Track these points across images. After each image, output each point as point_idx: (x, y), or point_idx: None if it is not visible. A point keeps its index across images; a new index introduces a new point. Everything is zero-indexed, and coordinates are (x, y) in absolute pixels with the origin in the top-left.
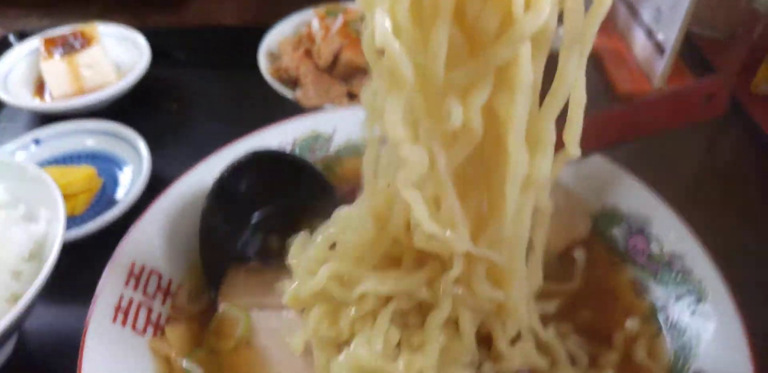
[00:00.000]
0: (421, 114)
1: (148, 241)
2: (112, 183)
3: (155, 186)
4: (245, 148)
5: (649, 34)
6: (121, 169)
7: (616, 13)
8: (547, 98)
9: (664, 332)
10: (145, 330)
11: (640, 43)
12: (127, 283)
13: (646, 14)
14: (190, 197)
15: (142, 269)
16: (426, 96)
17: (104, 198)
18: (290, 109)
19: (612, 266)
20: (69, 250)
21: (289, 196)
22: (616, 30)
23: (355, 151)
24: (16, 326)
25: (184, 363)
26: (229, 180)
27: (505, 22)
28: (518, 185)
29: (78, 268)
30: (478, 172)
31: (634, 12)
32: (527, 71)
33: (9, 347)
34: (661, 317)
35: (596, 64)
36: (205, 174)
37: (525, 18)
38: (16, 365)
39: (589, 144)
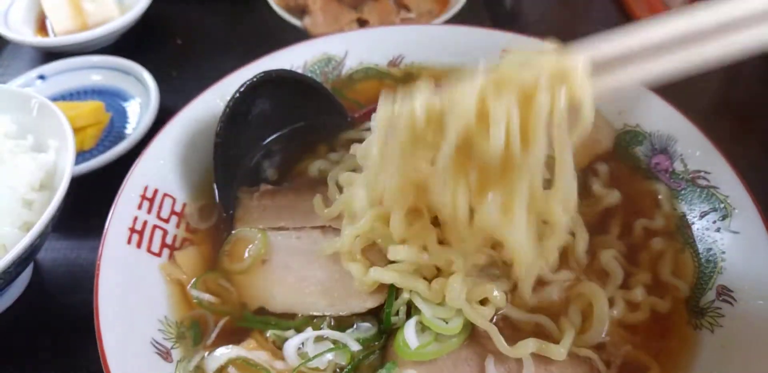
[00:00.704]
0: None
1: (161, 164)
2: (120, 117)
3: (164, 120)
4: (256, 72)
5: None
6: (128, 103)
7: None
8: (551, 192)
9: (689, 248)
10: (160, 253)
11: None
12: (140, 206)
13: None
14: (201, 120)
15: (155, 193)
16: None
17: (113, 132)
18: (299, 40)
19: (635, 184)
20: (80, 184)
21: (301, 118)
22: None
23: (367, 74)
24: (31, 253)
25: (193, 292)
26: (242, 101)
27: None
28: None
29: (89, 202)
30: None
31: None
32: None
33: (25, 277)
34: (685, 234)
35: None
36: (216, 98)
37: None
38: (33, 295)
39: None
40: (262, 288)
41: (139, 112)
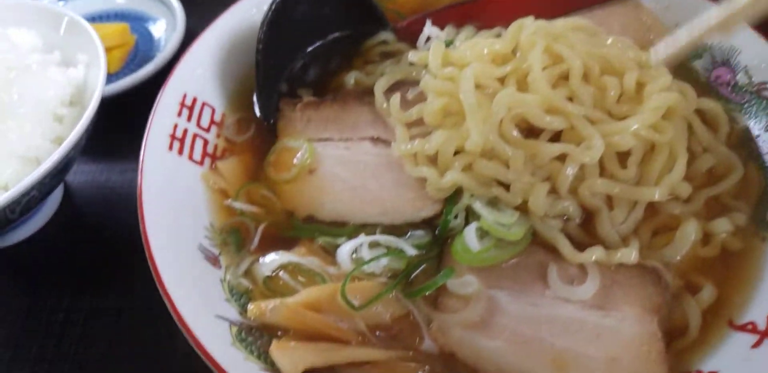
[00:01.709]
0: None
1: (199, 72)
2: (145, 41)
3: (190, 44)
4: None
5: None
6: (153, 26)
7: None
8: None
9: (752, 162)
10: (202, 161)
11: None
12: (180, 113)
13: None
14: (238, 28)
15: (194, 101)
16: None
17: (138, 56)
18: None
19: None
20: (107, 107)
21: (342, 27)
22: None
23: None
24: (65, 166)
25: (235, 204)
26: (284, 6)
27: None
28: None
29: (117, 125)
30: None
31: None
32: None
33: (57, 198)
34: (749, 148)
35: None
36: (252, 6)
37: None
38: (64, 217)
39: None
40: (310, 197)
41: (164, 36)
